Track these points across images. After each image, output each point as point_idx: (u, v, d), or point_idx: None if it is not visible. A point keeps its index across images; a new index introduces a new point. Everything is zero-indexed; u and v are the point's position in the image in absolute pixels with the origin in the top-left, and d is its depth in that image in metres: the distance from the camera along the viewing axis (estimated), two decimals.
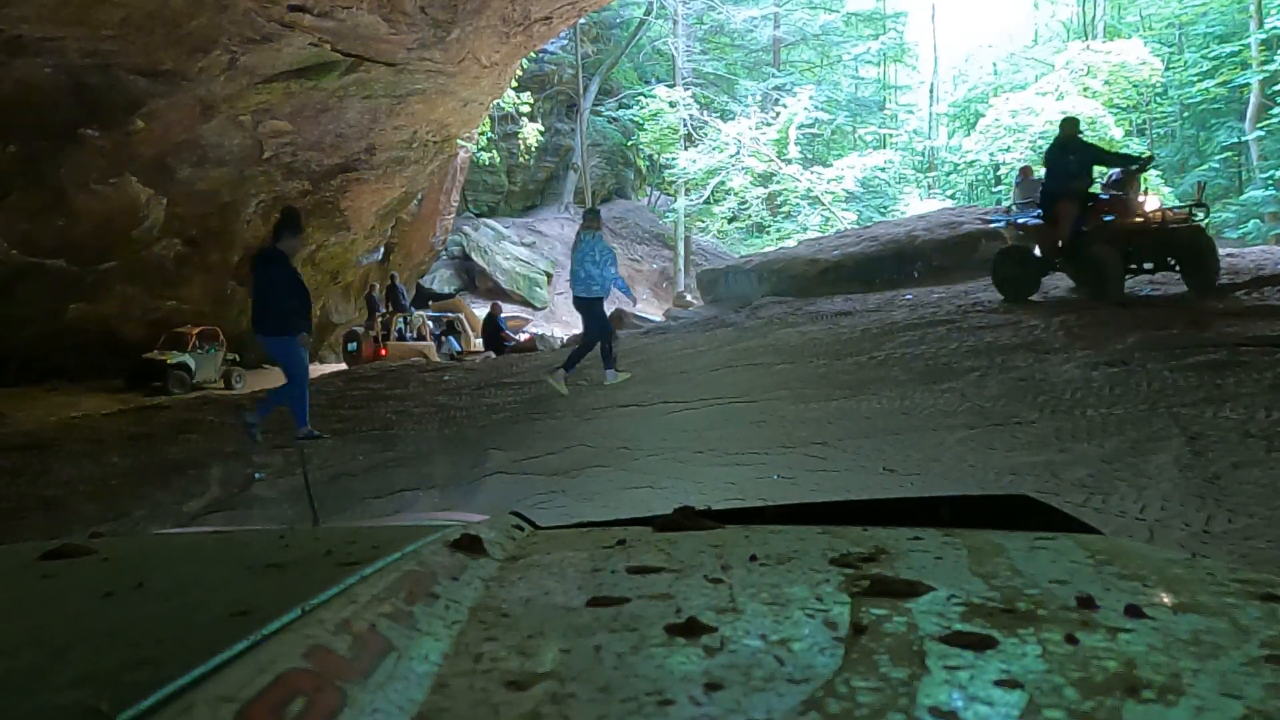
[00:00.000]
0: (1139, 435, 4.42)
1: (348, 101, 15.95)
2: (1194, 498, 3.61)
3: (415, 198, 21.97)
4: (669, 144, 29.82)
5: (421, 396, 8.88)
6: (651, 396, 7.10)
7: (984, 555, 0.72)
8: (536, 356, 12.03)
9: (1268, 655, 0.48)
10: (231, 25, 12.49)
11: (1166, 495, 3.68)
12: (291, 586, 0.66)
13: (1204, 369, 5.35)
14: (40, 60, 11.91)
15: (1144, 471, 3.95)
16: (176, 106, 13.85)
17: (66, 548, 0.88)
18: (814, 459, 4.90)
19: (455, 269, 29.00)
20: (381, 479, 5.77)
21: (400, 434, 7.19)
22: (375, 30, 13.79)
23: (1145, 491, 3.73)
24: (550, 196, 34.43)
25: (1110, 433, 4.50)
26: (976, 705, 0.43)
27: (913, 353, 7.23)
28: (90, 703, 0.43)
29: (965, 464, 4.42)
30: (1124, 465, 4.06)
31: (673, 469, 5.08)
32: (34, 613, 0.68)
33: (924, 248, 12.79)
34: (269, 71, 14.02)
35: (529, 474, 5.47)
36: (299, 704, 0.40)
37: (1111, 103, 27.56)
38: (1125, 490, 3.78)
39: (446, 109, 17.84)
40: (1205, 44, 30.99)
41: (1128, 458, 4.15)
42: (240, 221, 17.25)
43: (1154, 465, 4.01)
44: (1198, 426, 4.41)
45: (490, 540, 0.81)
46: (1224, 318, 6.91)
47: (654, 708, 0.43)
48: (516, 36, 16.43)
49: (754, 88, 33.04)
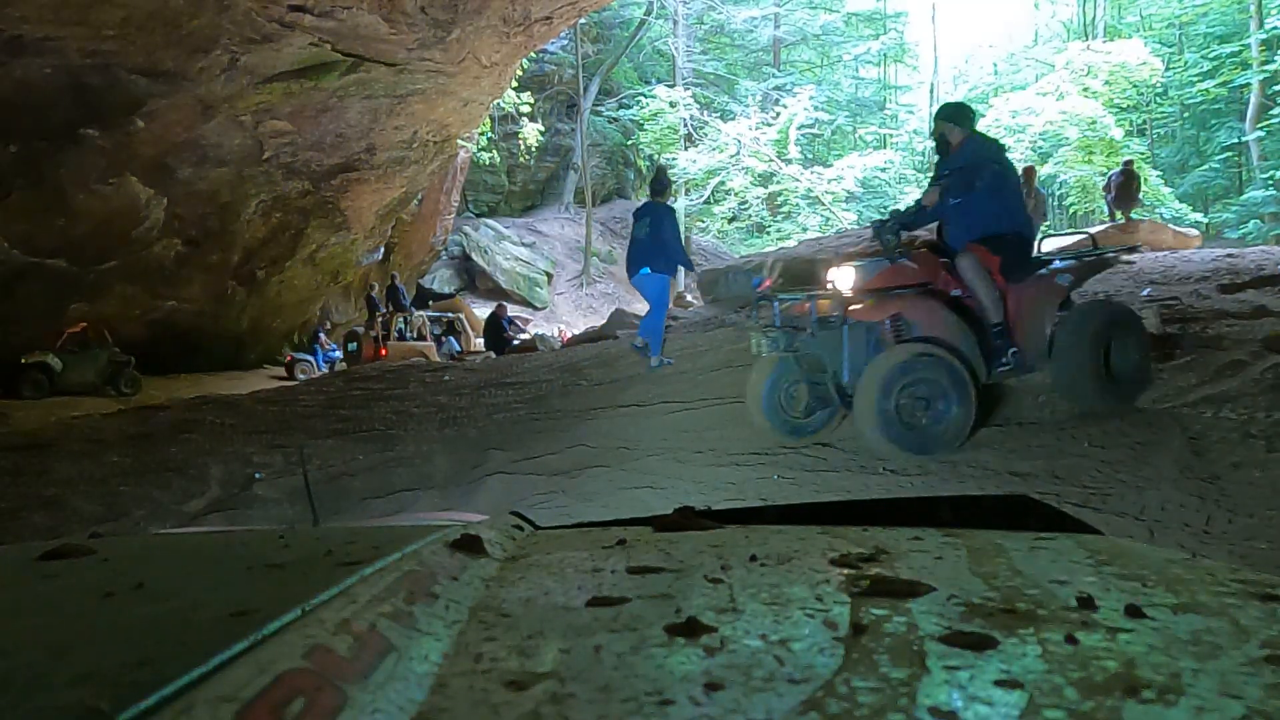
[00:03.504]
0: (1139, 436, 4.42)
1: (348, 101, 15.94)
2: (1194, 498, 3.61)
3: (415, 198, 21.96)
4: (669, 144, 29.80)
5: (421, 396, 8.88)
6: (652, 396, 7.09)
7: (984, 555, 0.72)
8: (537, 356, 12.01)
9: (1268, 655, 0.48)
10: (232, 25, 12.48)
11: (1166, 496, 3.67)
12: (291, 586, 0.66)
13: (1205, 369, 5.34)
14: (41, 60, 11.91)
15: (1144, 472, 3.95)
16: (177, 106, 13.83)
17: (66, 548, 0.88)
18: (814, 458, 4.90)
19: (455, 269, 29.01)
20: (381, 479, 5.77)
21: (400, 434, 7.19)
22: (375, 30, 13.78)
23: (1145, 492, 3.73)
24: (550, 196, 34.44)
25: (1110, 433, 4.50)
26: (976, 705, 0.43)
27: None
28: (90, 703, 0.43)
29: (964, 463, 4.42)
30: (1124, 466, 4.06)
31: (673, 469, 5.08)
32: (34, 613, 0.67)
33: None
34: (269, 72, 14.01)
35: (529, 474, 5.46)
36: (299, 704, 0.40)
37: (1112, 103, 27.54)
38: (1125, 491, 3.77)
39: (447, 109, 17.82)
40: (1205, 44, 30.99)
41: (1128, 459, 4.15)
42: (240, 221, 17.23)
43: (1154, 466, 4.01)
44: (1198, 427, 4.41)
45: (490, 540, 0.81)
46: (1225, 318, 6.89)
47: (654, 708, 0.43)
48: (517, 36, 16.41)
49: (754, 88, 33.03)
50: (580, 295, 29.91)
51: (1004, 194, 5.04)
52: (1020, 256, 5.06)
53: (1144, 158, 27.71)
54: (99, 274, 15.64)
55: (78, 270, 15.25)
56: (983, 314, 4.91)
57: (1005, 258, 4.96)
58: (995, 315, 4.88)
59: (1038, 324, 4.97)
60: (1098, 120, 26.01)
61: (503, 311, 18.02)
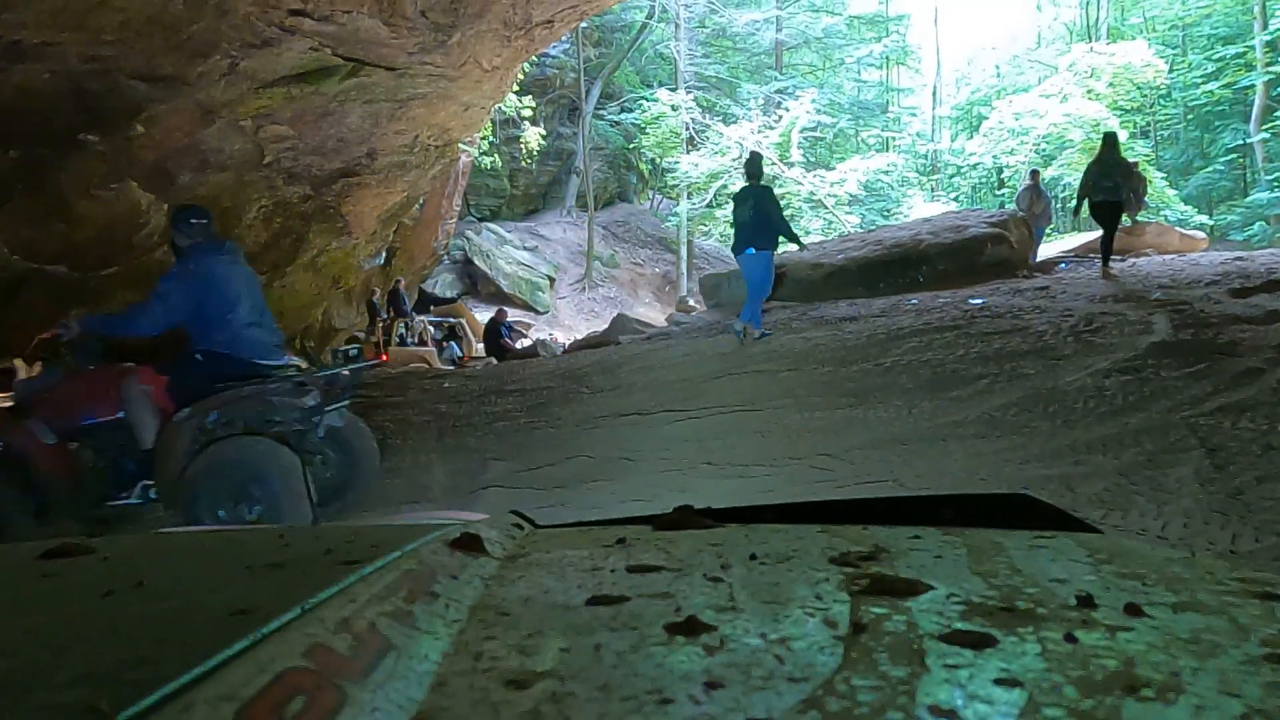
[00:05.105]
0: (1155, 447, 4.31)
1: (348, 106, 15.91)
2: (1217, 514, 3.50)
3: (417, 202, 21.91)
4: (671, 147, 29.81)
5: (421, 404, 8.79)
6: (654, 405, 7.01)
7: (983, 554, 0.72)
8: (538, 363, 11.92)
9: (1267, 654, 0.48)
10: (231, 30, 12.45)
11: (1188, 511, 3.56)
12: (291, 585, 0.66)
13: (1220, 377, 5.24)
14: (40, 66, 11.88)
15: (1163, 486, 3.84)
16: (176, 112, 13.80)
17: (66, 547, 0.88)
18: (820, 470, 4.82)
19: (458, 273, 28.98)
20: (375, 492, 5.67)
21: (398, 444, 7.11)
22: (376, 34, 13.74)
23: (1165, 507, 3.61)
24: (553, 200, 34.41)
25: (1126, 444, 4.39)
26: (976, 704, 0.43)
27: (919, 359, 7.12)
28: (90, 702, 0.42)
29: (977, 477, 4.32)
30: (1142, 479, 3.95)
31: (675, 481, 5.00)
32: (34, 612, 0.68)
33: (929, 251, 12.66)
34: (269, 76, 13.99)
35: (528, 487, 5.39)
36: (299, 703, 0.40)
37: (1115, 105, 27.50)
38: (1145, 506, 3.66)
39: (448, 113, 17.78)
40: (1209, 46, 30.92)
41: (1145, 471, 4.04)
42: (241, 226, 17.17)
43: (1173, 479, 3.89)
44: (1217, 438, 4.29)
45: (490, 539, 0.81)
46: (1238, 323, 6.79)
47: (654, 706, 0.43)
48: (518, 40, 16.36)
49: (756, 91, 33.01)
50: (582, 299, 29.88)
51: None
52: (193, 379, 4.45)
53: (1148, 159, 27.60)
54: (100, 280, 15.58)
55: (79, 276, 15.20)
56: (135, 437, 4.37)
57: (175, 379, 4.48)
58: (146, 442, 4.33)
59: (176, 458, 4.27)
60: (1101, 122, 25.92)
61: (502, 317, 17.92)
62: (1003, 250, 12.32)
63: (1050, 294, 9.67)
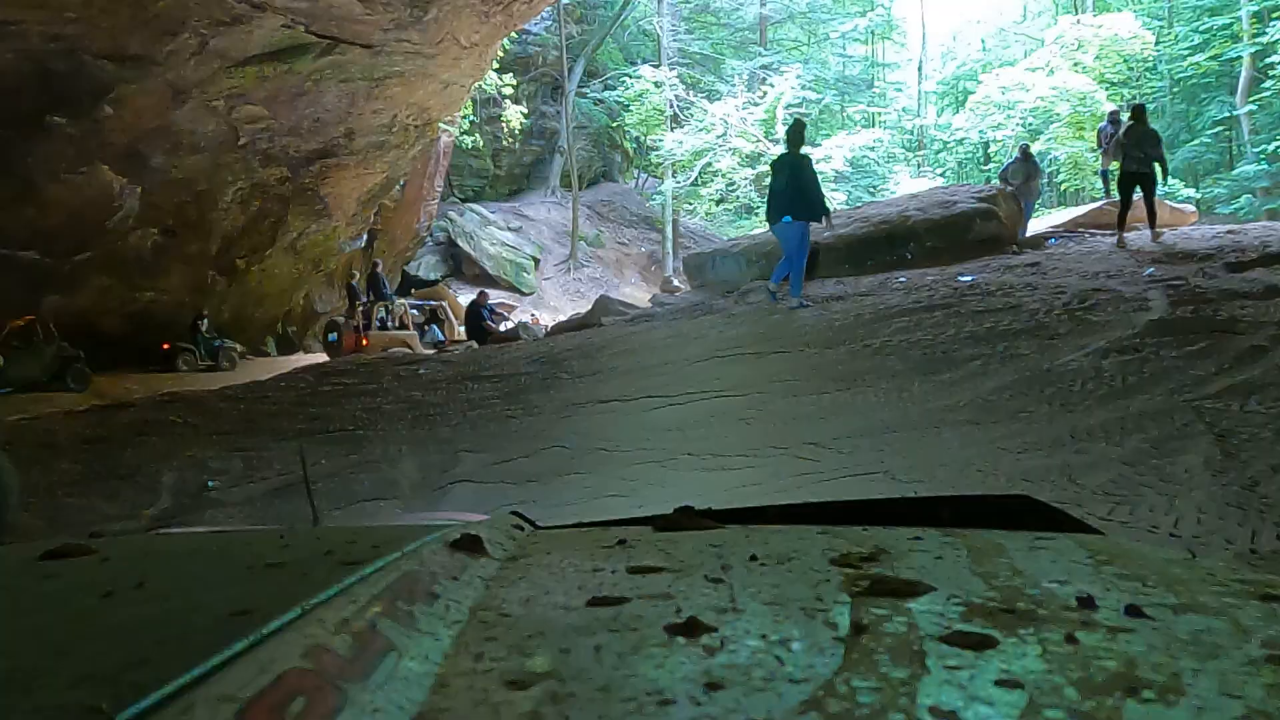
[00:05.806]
0: (1160, 432, 4.06)
1: (324, 85, 15.62)
2: (1233, 508, 3.20)
3: (398, 183, 21.67)
4: (655, 125, 29.61)
5: (395, 391, 8.52)
6: (634, 391, 6.79)
7: (984, 555, 0.71)
8: (518, 347, 11.66)
9: (1268, 655, 0.47)
10: (199, 7, 12.16)
11: (1201, 505, 3.25)
12: (291, 586, 0.65)
13: (1223, 356, 5.03)
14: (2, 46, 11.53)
15: (1172, 476, 3.55)
16: (146, 92, 13.51)
17: (66, 547, 0.87)
18: (808, 460, 4.59)
19: (441, 255, 28.71)
20: (342, 487, 5.41)
21: (369, 434, 6.85)
22: (349, 11, 13.46)
23: (1176, 501, 3.32)
24: (536, 180, 34.07)
25: (1129, 429, 4.14)
26: (976, 705, 0.42)
27: (909, 340, 6.88)
28: (90, 703, 0.42)
29: (973, 467, 4.10)
30: (1148, 468, 3.70)
31: (654, 474, 4.73)
32: (34, 613, 0.67)
33: (917, 228, 12.47)
34: (240, 55, 13.70)
35: (499, 481, 5.18)
36: (299, 703, 0.40)
37: (1102, 77, 27.34)
38: (1154, 499, 3.37)
39: (426, 91, 17.51)
40: (1196, 17, 30.73)
41: (1151, 459, 3.80)
42: (218, 210, 16.90)
43: (1182, 468, 3.60)
44: (1225, 422, 3.97)
45: (490, 540, 0.80)
46: (1237, 299, 6.59)
47: (654, 707, 0.43)
48: (496, 16, 16.08)
49: (740, 67, 32.63)
50: (568, 280, 29.67)
51: None
52: None
53: None
54: (74, 265, 15.30)
55: (51, 262, 14.92)
56: None
57: None
58: None
59: None
60: (1088, 95, 25.78)
61: (483, 299, 17.61)
62: (992, 226, 12.12)
63: (1041, 270, 9.47)
